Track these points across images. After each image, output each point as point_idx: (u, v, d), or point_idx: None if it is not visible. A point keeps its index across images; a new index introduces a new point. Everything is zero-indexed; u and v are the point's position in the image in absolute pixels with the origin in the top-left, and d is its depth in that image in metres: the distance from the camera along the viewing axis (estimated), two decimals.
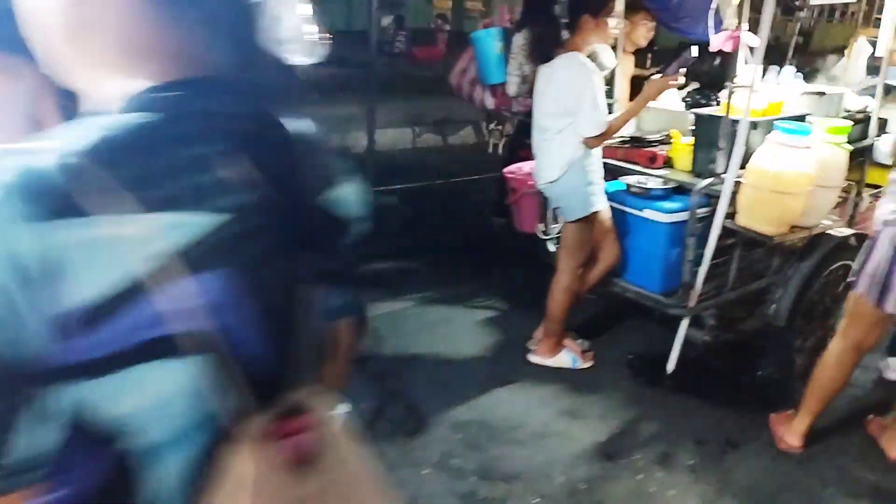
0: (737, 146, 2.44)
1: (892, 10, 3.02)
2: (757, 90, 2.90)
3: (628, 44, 3.64)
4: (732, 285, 2.78)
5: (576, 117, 2.48)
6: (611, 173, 3.06)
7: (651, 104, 3.38)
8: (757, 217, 2.53)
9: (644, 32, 3.63)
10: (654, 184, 2.84)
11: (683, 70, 2.53)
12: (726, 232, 2.64)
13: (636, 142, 3.19)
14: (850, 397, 2.74)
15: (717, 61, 3.51)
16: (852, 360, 2.29)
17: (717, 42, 2.49)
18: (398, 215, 4.54)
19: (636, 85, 3.53)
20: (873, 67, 4.07)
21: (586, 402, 2.62)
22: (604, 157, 3.16)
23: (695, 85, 3.60)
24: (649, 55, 5.43)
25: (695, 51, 2.50)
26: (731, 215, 2.61)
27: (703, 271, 2.61)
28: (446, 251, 4.15)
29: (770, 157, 2.46)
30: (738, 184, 2.54)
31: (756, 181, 2.50)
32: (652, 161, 2.98)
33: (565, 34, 2.55)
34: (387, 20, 13.29)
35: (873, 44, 4.06)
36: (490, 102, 3.56)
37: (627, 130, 3.34)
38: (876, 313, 2.20)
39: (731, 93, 2.49)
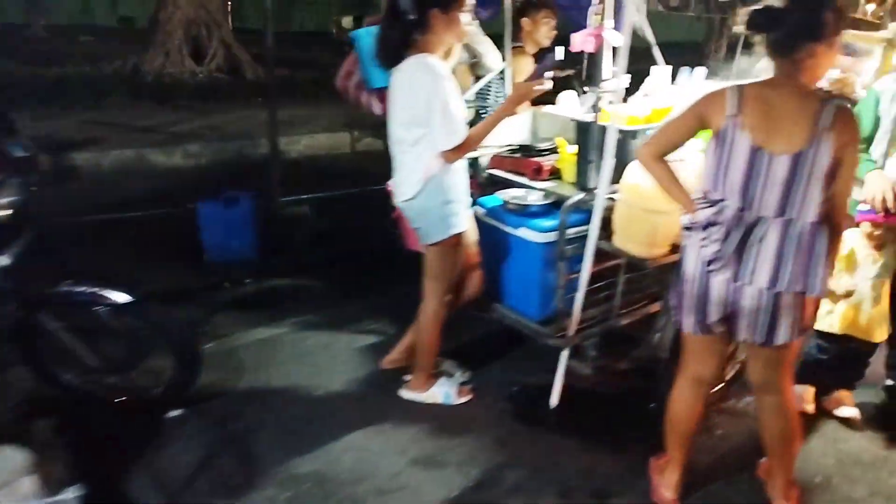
0: (605, 158, 2.17)
1: None
2: (648, 94, 2.65)
3: (529, 44, 3.37)
4: (618, 312, 2.51)
5: (429, 129, 2.19)
6: (500, 185, 2.80)
7: (547, 109, 3.12)
8: (631, 237, 2.26)
9: (546, 32, 3.35)
10: (534, 199, 2.57)
11: (551, 74, 2.25)
12: (609, 253, 2.37)
13: (526, 151, 2.91)
14: (748, 433, 2.49)
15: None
16: (697, 398, 2.04)
17: (578, 41, 2.22)
18: (306, 226, 4.24)
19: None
20: None
21: (450, 446, 2.34)
22: (491, 168, 2.92)
23: None
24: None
25: (560, 53, 2.23)
26: (611, 235, 2.36)
27: (580, 297, 2.34)
28: (346, 266, 3.86)
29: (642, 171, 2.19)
30: (615, 200, 2.29)
31: (629, 198, 2.23)
32: (537, 173, 2.71)
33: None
34: (347, 20, 12.95)
35: None
36: (377, 108, 3.25)
37: (519, 137, 3.08)
38: (702, 339, 1.95)
39: (598, 98, 2.21)
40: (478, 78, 3.09)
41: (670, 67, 3.26)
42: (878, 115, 2.40)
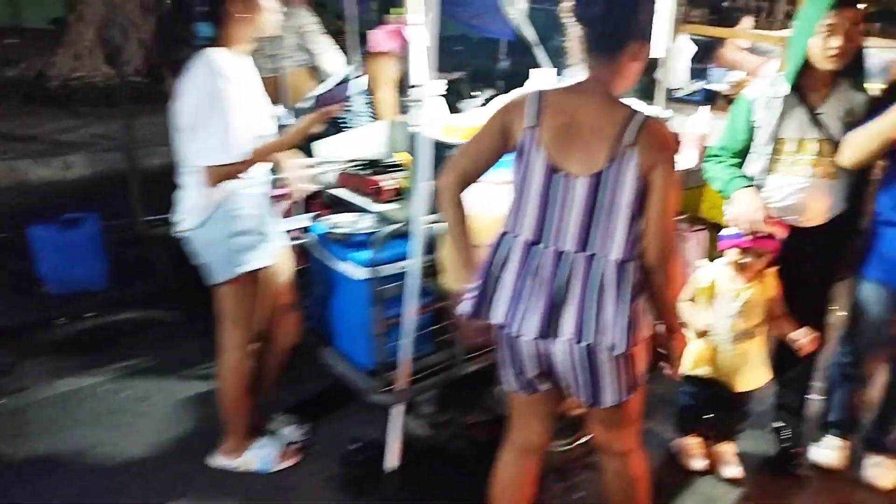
0: (417, 177, 1.80)
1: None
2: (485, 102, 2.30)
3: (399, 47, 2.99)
4: (463, 358, 2.14)
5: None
6: (345, 208, 2.41)
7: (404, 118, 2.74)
8: (459, 275, 1.89)
9: None
10: (364, 225, 2.19)
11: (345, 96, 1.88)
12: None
13: (375, 167, 2.53)
14: None
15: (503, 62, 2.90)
16: (524, 471, 1.69)
17: (376, 40, 1.85)
18: (172, 250, 3.77)
19: None
20: (699, 70, 3.55)
21: None
22: (339, 186, 2.53)
23: (491, 92, 2.99)
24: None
25: (360, 83, 1.86)
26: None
27: (407, 345, 1.96)
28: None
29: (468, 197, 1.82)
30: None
31: None
32: (377, 194, 2.33)
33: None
34: None
35: (698, 43, 3.53)
36: None
37: (374, 151, 2.70)
38: (526, 399, 1.62)
39: (409, 107, 1.84)
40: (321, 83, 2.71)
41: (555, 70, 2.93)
42: (750, 125, 2.09)
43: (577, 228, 1.42)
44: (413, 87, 1.76)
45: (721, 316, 2.00)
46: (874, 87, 1.99)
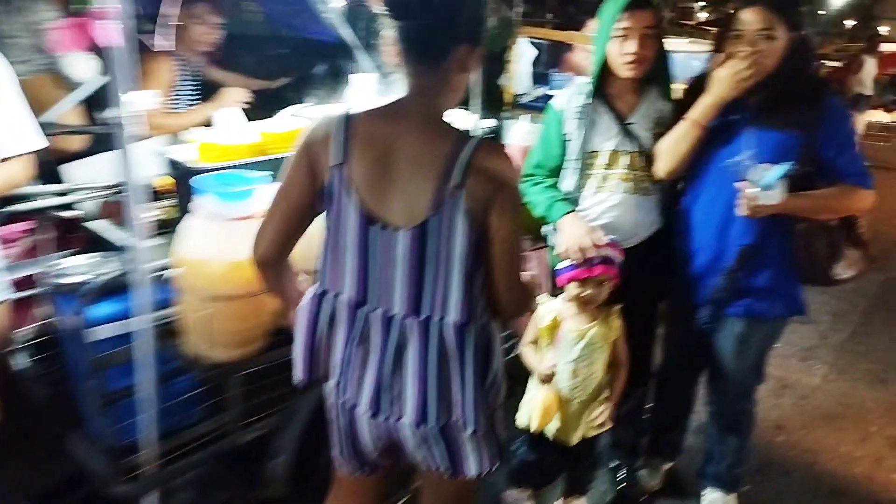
0: (133, 207, 1.41)
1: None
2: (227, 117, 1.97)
3: (183, 47, 2.56)
4: (238, 426, 1.76)
5: None
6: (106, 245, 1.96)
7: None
8: (206, 336, 1.51)
9: (203, 33, 2.55)
10: (106, 269, 1.76)
11: None
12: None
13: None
14: None
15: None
16: None
17: (59, 38, 1.45)
18: None
19: None
20: (541, 75, 3.38)
21: None
22: (100, 217, 2.08)
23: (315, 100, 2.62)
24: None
25: None
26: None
27: (149, 420, 1.56)
28: None
29: (199, 238, 1.45)
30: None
31: (187, 281, 1.48)
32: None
33: None
34: None
35: (538, 46, 3.36)
36: None
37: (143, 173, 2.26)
38: (351, 481, 1.38)
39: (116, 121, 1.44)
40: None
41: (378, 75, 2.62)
42: (563, 138, 1.86)
43: (404, 288, 1.14)
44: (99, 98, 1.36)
45: (563, 360, 1.73)
46: (678, 88, 1.82)
